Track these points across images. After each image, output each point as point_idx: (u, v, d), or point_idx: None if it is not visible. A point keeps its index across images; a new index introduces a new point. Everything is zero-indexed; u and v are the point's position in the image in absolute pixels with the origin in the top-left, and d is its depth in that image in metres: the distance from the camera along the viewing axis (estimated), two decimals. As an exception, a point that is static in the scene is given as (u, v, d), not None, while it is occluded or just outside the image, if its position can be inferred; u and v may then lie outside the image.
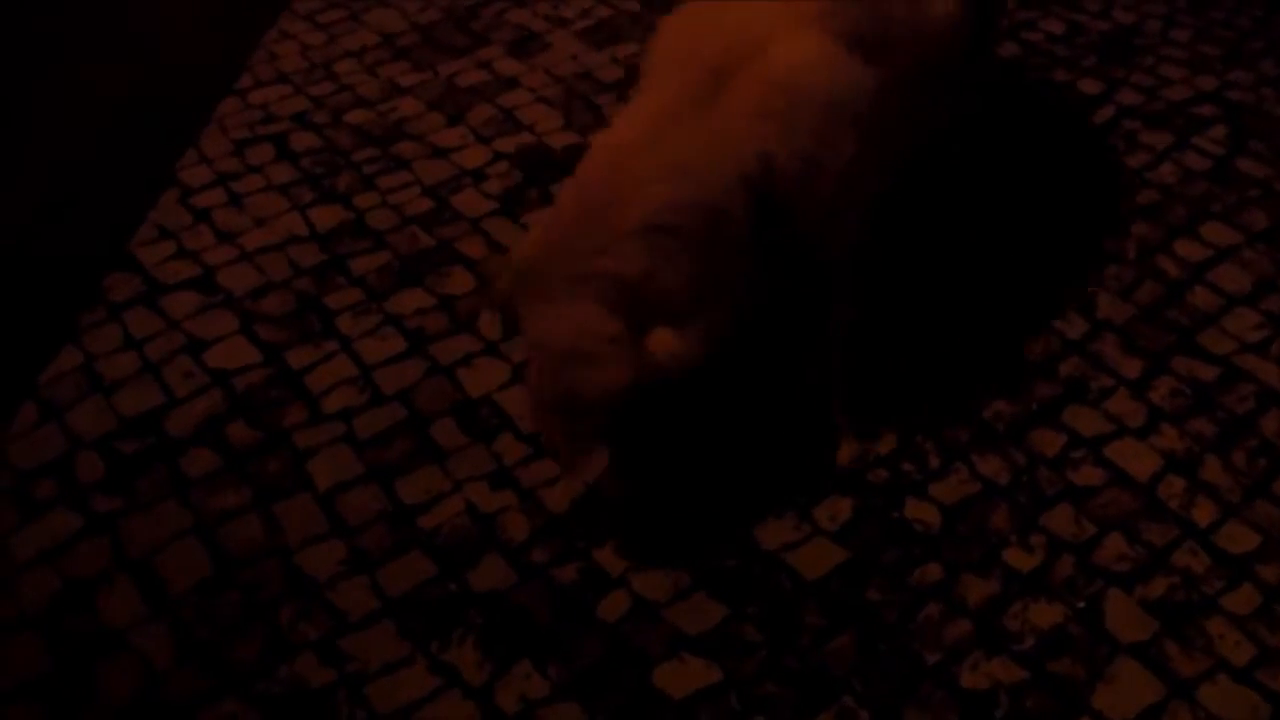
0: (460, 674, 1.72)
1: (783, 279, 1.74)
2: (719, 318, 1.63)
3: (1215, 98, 2.74)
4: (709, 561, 1.84)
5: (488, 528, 1.92)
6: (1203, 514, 1.89)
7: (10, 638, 1.79)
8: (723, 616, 1.78)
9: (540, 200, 2.58)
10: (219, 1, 3.30)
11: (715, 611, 1.79)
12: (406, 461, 2.03)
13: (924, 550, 1.85)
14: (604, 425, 1.62)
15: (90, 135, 2.37)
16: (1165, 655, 1.71)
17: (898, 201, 1.98)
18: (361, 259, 2.45)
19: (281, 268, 2.43)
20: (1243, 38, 2.95)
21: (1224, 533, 1.86)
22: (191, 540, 1.92)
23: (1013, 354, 2.14)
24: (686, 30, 1.73)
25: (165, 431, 2.09)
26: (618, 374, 1.56)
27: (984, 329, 2.19)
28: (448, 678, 1.72)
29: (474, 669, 1.72)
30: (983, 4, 1.94)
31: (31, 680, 1.73)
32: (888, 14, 1.72)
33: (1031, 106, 2.78)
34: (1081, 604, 1.77)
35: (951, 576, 1.81)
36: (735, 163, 1.59)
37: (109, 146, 2.47)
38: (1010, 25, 3.00)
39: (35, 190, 2.20)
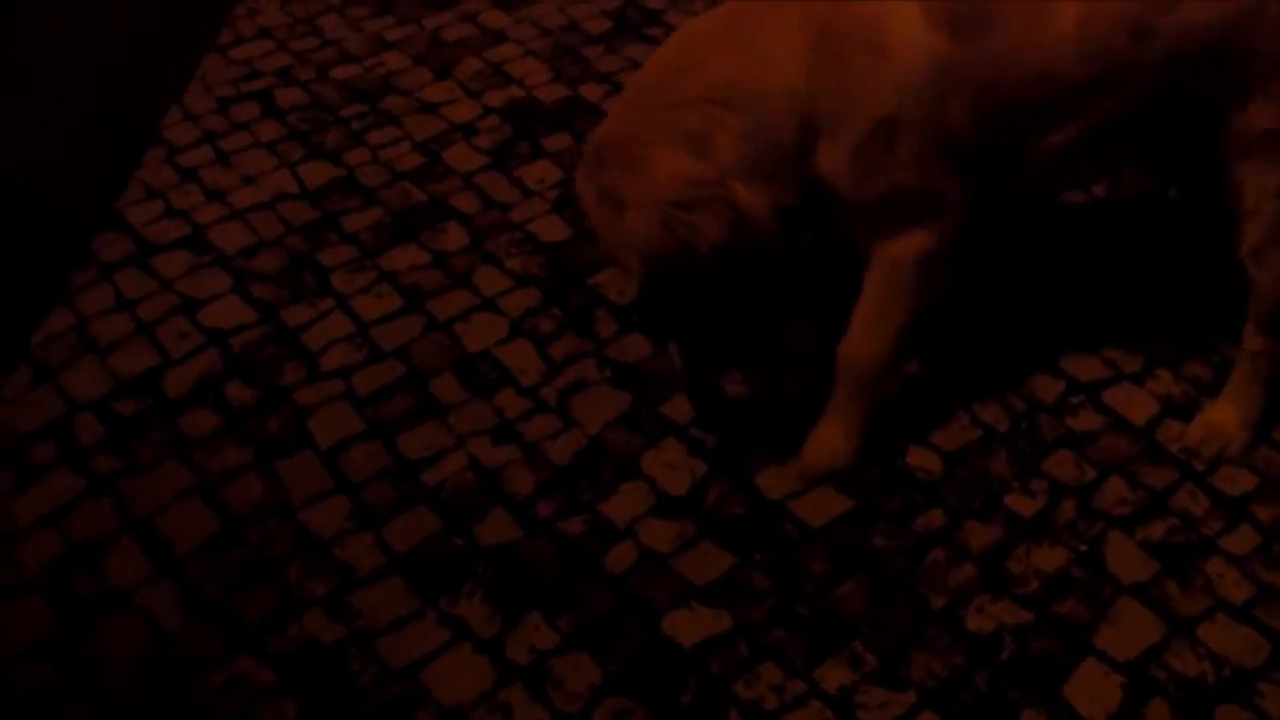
0: (470, 627, 1.73)
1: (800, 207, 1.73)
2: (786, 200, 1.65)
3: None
4: (717, 510, 1.85)
5: (492, 482, 1.92)
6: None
7: (15, 601, 1.78)
8: (730, 565, 1.79)
9: (532, 154, 2.56)
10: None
11: (722, 560, 1.80)
12: (407, 417, 2.02)
13: (926, 497, 1.87)
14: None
15: (72, 93, 2.32)
16: (1166, 595, 1.73)
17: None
18: (354, 216, 2.43)
19: (273, 226, 2.41)
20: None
21: (1222, 475, 1.88)
22: (195, 500, 1.91)
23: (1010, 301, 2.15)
24: None
25: (163, 392, 2.08)
26: (721, 218, 1.59)
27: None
28: (457, 631, 1.72)
29: (483, 622, 1.73)
30: None
31: (39, 642, 1.73)
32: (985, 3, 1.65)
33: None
34: (1083, 547, 1.79)
35: (955, 522, 1.83)
36: (785, 63, 1.61)
37: (91, 104, 2.43)
38: None
39: (18, 148, 2.15)
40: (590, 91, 2.73)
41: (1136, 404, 1.99)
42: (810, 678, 1.65)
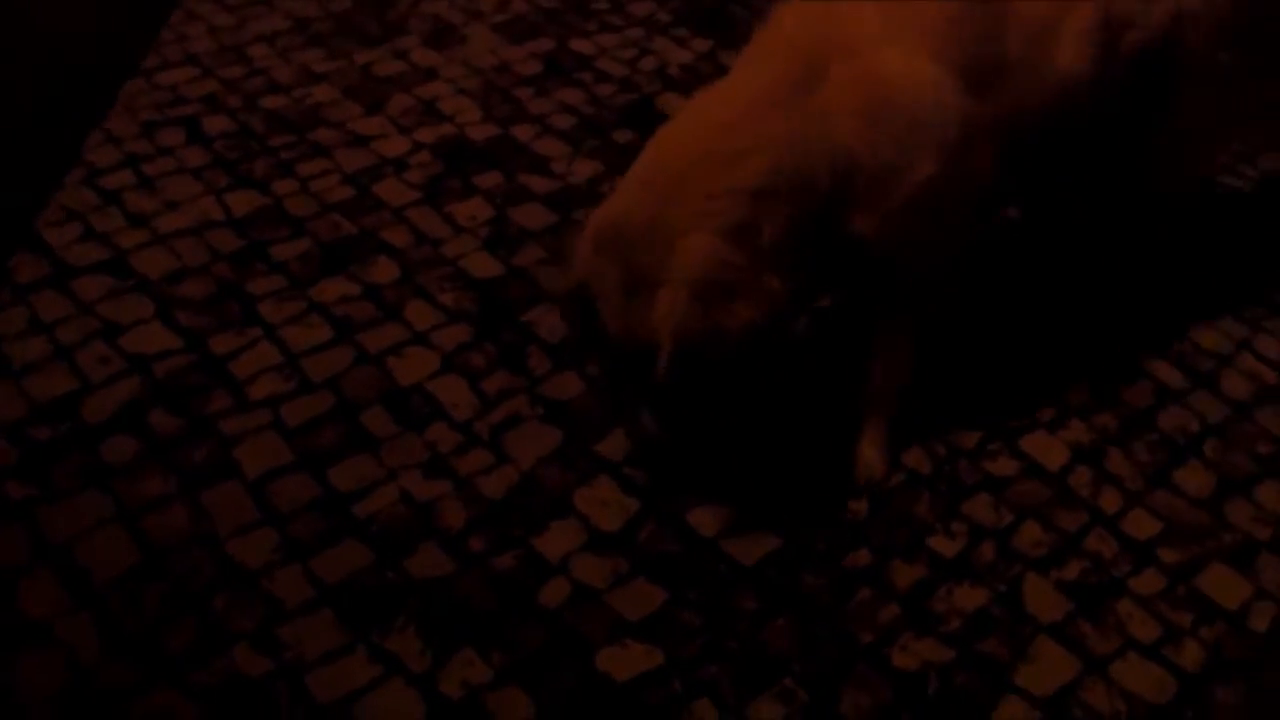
0: (402, 661, 1.71)
1: (841, 271, 1.78)
2: (801, 283, 1.68)
3: None
4: (651, 546, 1.87)
5: (424, 516, 1.91)
6: (1109, 502, 2.00)
7: (-81, 631, 1.71)
8: (663, 601, 1.81)
9: (464, 191, 2.57)
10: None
11: (655, 596, 1.81)
12: (338, 449, 2.00)
13: (853, 537, 1.92)
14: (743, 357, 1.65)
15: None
16: (1080, 634, 1.80)
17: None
18: (282, 245, 2.40)
19: (199, 252, 2.37)
20: None
21: (1130, 519, 1.97)
22: (115, 529, 1.85)
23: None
24: (795, 20, 1.76)
25: (82, 418, 2.02)
26: (757, 305, 1.60)
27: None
28: (389, 666, 1.70)
29: (416, 656, 1.71)
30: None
31: (-54, 674, 1.66)
32: (1002, 51, 1.74)
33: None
34: (1002, 587, 1.86)
35: (881, 561, 1.88)
36: (826, 149, 1.64)
37: (9, 122, 2.37)
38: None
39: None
40: (521, 132, 2.76)
41: (1050, 451, 2.07)
42: (743, 714, 1.67)
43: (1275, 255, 2.53)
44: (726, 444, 1.99)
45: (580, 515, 1.93)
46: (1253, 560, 1.93)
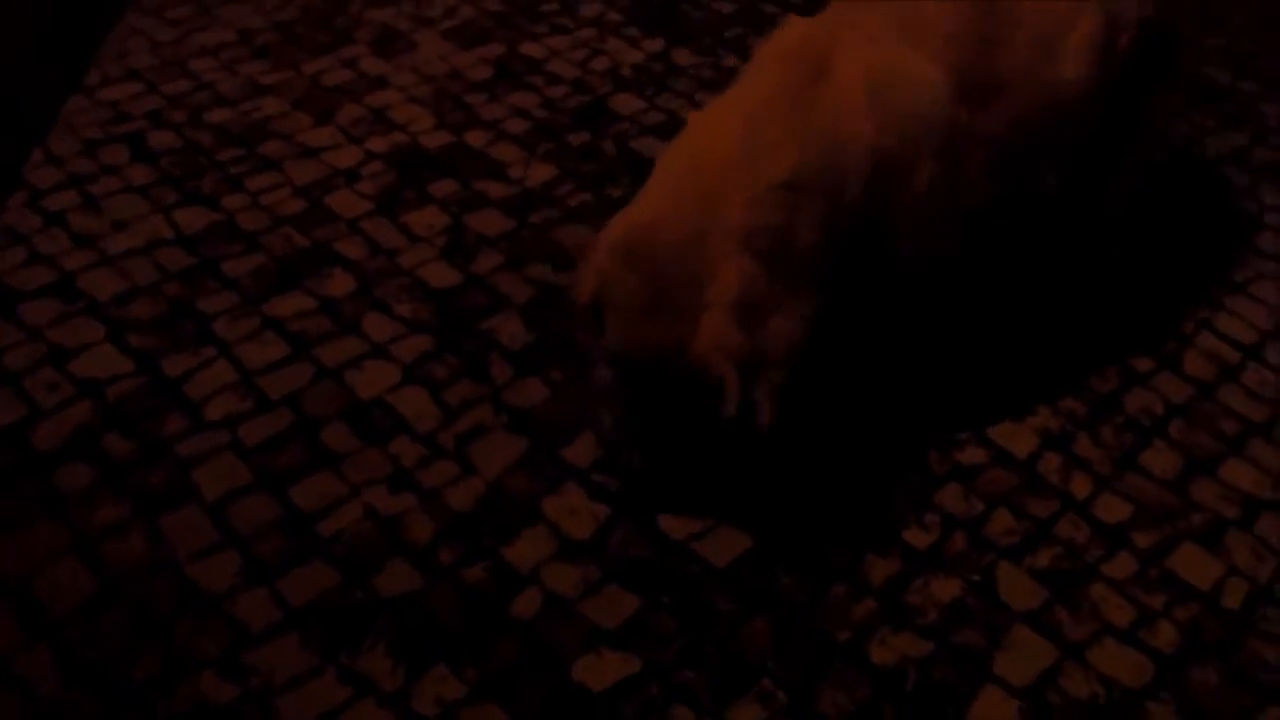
0: (373, 682, 1.67)
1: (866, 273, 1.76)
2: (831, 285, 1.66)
3: None
4: (621, 552, 1.85)
5: (390, 531, 1.87)
6: (1080, 487, 2.00)
7: None
8: (637, 608, 1.78)
9: (418, 200, 2.53)
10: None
11: (629, 603, 1.79)
12: (299, 468, 1.96)
13: (827, 533, 1.90)
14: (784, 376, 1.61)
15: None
16: (1056, 621, 1.80)
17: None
18: (234, 261, 2.36)
19: (148, 272, 2.32)
20: None
21: (1100, 503, 1.97)
22: (70, 559, 1.80)
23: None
24: (793, 34, 1.75)
25: (32, 446, 1.97)
26: (793, 326, 1.58)
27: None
28: (360, 687, 1.67)
29: (387, 676, 1.68)
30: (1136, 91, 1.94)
31: (-101, 717, 1.60)
32: (1004, 61, 1.73)
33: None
34: (976, 577, 1.85)
35: (855, 557, 1.87)
36: (844, 137, 1.63)
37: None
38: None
39: None
40: (475, 138, 2.72)
41: (1018, 438, 2.07)
42: (722, 718, 1.65)
43: (1230, 232, 2.55)
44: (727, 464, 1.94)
45: (550, 523, 1.90)
46: (1222, 539, 1.93)
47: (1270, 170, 2.71)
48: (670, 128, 2.72)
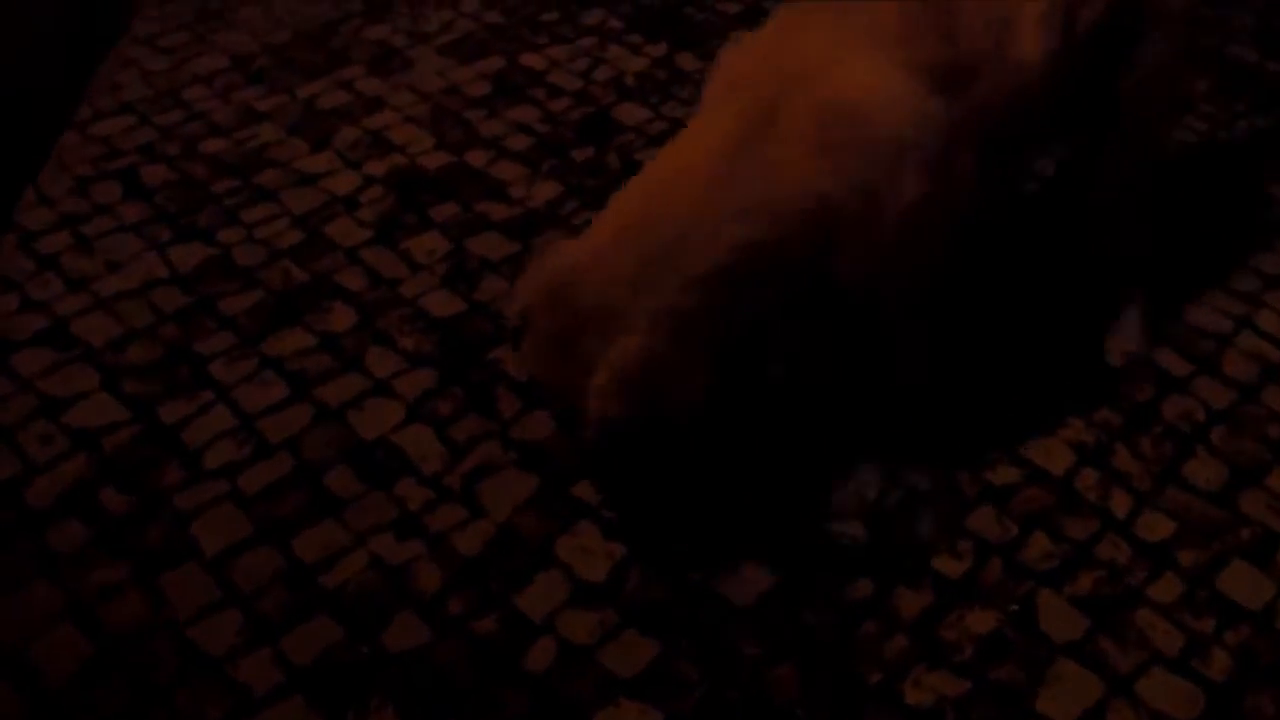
0: (382, 745, 1.60)
1: (836, 325, 1.66)
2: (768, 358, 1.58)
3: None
4: (639, 595, 1.76)
5: (397, 581, 1.80)
6: (1119, 504, 1.89)
7: None
8: (656, 654, 1.70)
9: (419, 225, 2.45)
10: (49, 28, 3.06)
11: (647, 649, 1.71)
12: (301, 516, 1.89)
13: (853, 566, 1.81)
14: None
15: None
16: (1101, 652, 1.70)
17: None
18: (231, 299, 2.29)
19: (143, 314, 2.25)
20: None
21: (1141, 521, 1.87)
22: (66, 624, 1.74)
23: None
24: (743, 59, 1.64)
25: (26, 503, 1.90)
26: (693, 394, 1.51)
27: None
28: (369, 750, 1.59)
29: (397, 738, 1.61)
30: (1099, 52, 1.79)
31: (-108, 802, 1.54)
32: (967, 45, 1.60)
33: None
34: (1014, 607, 1.75)
35: (884, 590, 1.77)
36: (795, 201, 1.52)
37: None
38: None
39: None
40: (475, 157, 2.64)
41: (1053, 454, 1.97)
42: (749, 771, 1.57)
43: (1264, 222, 2.43)
44: (678, 510, 1.86)
45: (563, 565, 1.82)
46: (1273, 554, 1.83)
47: (1306, 154, 2.59)
48: (676, 138, 2.62)
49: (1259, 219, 2.44)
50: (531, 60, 2.96)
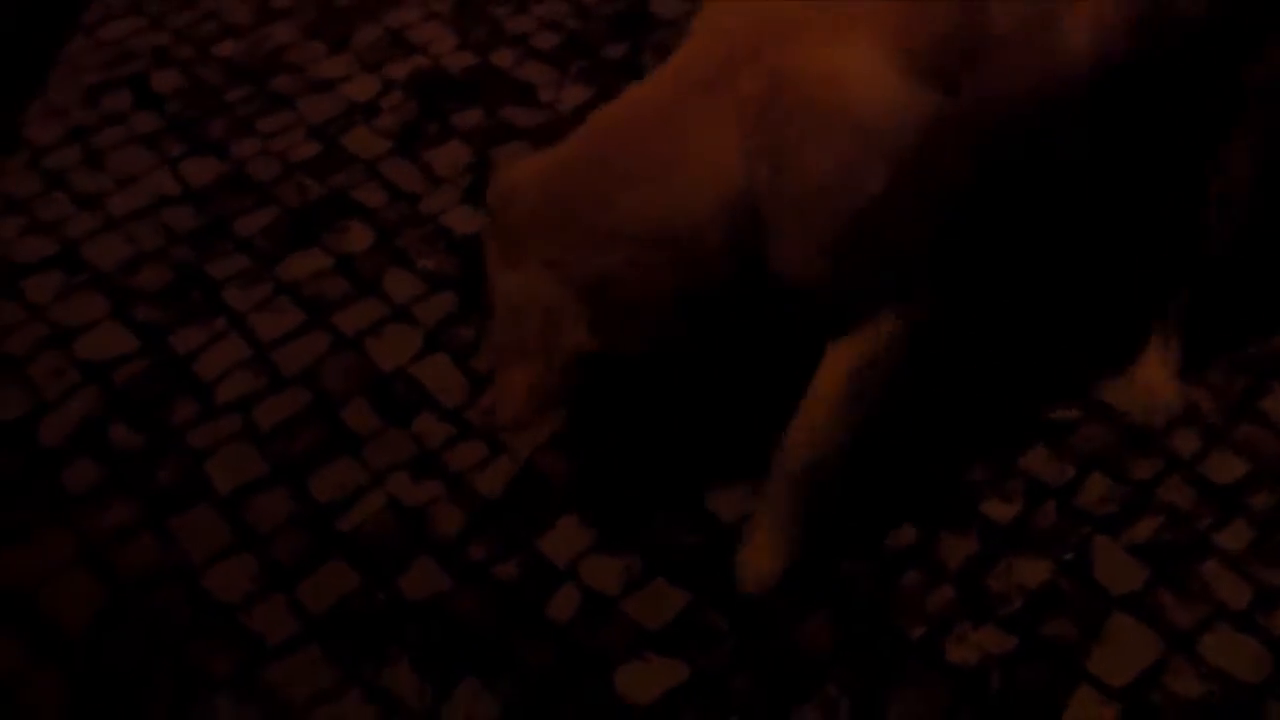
0: (398, 699, 1.54)
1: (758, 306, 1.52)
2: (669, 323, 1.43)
3: None
4: (666, 540, 1.68)
5: (415, 524, 1.72)
6: (1185, 443, 1.76)
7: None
8: (685, 604, 1.62)
9: (441, 135, 2.32)
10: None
11: (676, 599, 1.62)
12: (317, 454, 1.81)
13: (895, 510, 1.70)
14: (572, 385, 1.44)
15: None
16: (1160, 605, 1.59)
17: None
18: (245, 218, 2.18)
19: (154, 235, 2.16)
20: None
21: (1210, 461, 1.74)
22: (79, 569, 1.69)
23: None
24: (721, 8, 1.46)
25: (39, 442, 1.84)
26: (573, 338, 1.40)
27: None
28: (385, 705, 1.54)
29: (414, 692, 1.55)
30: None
31: (-93, 752, 1.52)
32: (984, 27, 1.36)
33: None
34: (1069, 556, 1.64)
35: (928, 537, 1.67)
36: (721, 175, 1.36)
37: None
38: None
39: None
40: (501, 58, 2.48)
41: (1114, 386, 1.83)
42: (780, 731, 1.49)
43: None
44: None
45: (587, 507, 1.73)
46: (1354, 498, 1.69)
47: None
48: (715, 34, 2.44)
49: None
50: (561, -53, 2.76)
